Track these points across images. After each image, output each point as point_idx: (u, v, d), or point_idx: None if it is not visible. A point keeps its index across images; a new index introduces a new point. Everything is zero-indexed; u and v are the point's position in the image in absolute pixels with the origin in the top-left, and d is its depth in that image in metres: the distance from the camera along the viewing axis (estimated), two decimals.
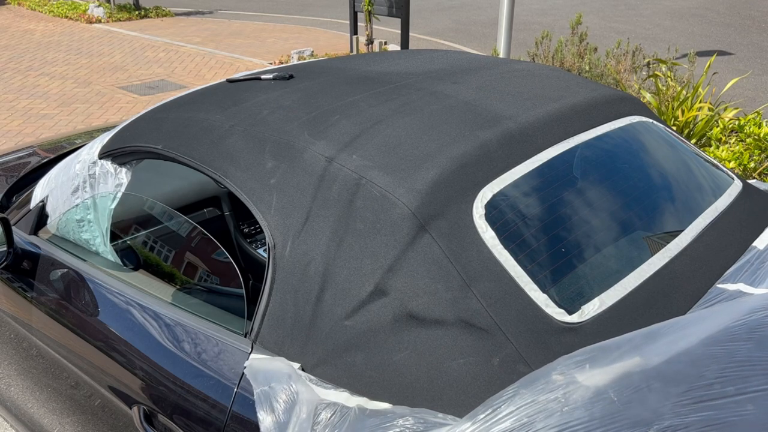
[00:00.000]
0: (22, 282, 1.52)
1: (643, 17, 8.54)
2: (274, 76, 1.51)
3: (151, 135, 1.37)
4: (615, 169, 1.28)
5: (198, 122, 1.32)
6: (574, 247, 1.08)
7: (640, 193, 1.26)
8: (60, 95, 5.41)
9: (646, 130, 1.43)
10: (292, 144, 1.16)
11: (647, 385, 0.87)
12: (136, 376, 1.21)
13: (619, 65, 4.20)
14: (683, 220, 1.25)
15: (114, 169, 1.43)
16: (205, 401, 1.08)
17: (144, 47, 7.22)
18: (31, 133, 4.51)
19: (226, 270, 1.41)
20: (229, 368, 1.07)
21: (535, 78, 1.49)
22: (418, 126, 1.19)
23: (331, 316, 1.00)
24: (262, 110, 1.30)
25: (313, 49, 6.55)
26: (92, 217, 1.46)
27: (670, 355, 0.90)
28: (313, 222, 1.06)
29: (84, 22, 8.80)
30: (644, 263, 1.11)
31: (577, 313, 0.99)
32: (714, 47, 6.60)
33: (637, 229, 1.18)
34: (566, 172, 1.20)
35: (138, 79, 5.89)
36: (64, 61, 6.60)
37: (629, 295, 1.04)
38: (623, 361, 0.88)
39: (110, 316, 1.31)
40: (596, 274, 1.06)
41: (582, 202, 1.16)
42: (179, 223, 1.69)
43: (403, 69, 1.54)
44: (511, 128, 1.21)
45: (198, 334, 1.15)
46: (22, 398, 1.57)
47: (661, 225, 1.22)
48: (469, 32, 7.77)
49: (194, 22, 8.84)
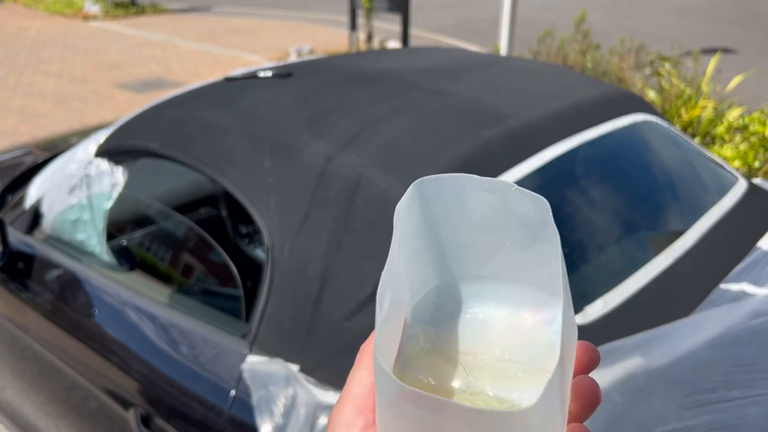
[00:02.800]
0: (16, 283, 1.50)
1: (647, 14, 8.54)
2: (272, 74, 1.49)
3: (147, 134, 1.36)
4: (618, 168, 1.27)
5: (195, 121, 1.30)
6: (577, 247, 1.07)
7: (644, 192, 1.25)
8: (55, 93, 5.38)
9: (649, 129, 1.42)
10: (291, 143, 1.15)
11: (651, 388, 0.87)
12: (132, 379, 1.19)
13: (622, 63, 4.19)
14: (687, 219, 1.24)
15: (110, 169, 1.41)
16: (202, 404, 1.07)
17: (140, 45, 7.19)
18: (27, 132, 4.48)
19: (223, 271, 1.40)
20: (226, 370, 1.06)
21: (538, 76, 1.48)
22: (418, 125, 1.18)
23: (330, 318, 0.99)
24: (261, 109, 1.28)
25: (311, 46, 6.53)
26: (88, 217, 1.45)
27: (673, 358, 0.89)
28: (312, 222, 1.04)
29: (80, 19, 8.76)
30: (648, 264, 1.10)
31: (580, 314, 0.98)
32: (719, 45, 6.60)
33: (640, 228, 1.17)
34: (569, 170, 1.18)
35: (134, 77, 5.87)
36: (59, 58, 6.57)
37: (633, 296, 1.03)
38: (626, 364, 0.88)
39: (106, 318, 1.29)
40: (600, 275, 1.05)
41: (585, 202, 1.15)
42: (176, 223, 1.67)
43: (403, 67, 1.53)
44: (513, 126, 1.19)
45: (195, 336, 1.14)
46: (18, 401, 1.56)
47: (665, 225, 1.21)
48: (471, 29, 7.76)
49: (191, 19, 8.80)
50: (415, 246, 0.32)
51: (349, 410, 0.31)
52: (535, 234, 0.30)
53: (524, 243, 0.30)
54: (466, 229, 0.31)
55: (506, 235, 0.31)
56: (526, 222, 0.30)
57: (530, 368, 0.27)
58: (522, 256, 0.31)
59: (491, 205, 0.30)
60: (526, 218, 0.30)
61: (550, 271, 0.30)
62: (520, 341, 0.31)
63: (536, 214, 0.29)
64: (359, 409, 0.31)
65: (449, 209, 0.31)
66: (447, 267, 0.33)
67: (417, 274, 0.32)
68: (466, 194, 0.30)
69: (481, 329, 0.32)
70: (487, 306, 0.33)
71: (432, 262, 0.33)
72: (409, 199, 0.31)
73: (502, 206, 0.30)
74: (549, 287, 0.30)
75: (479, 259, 0.32)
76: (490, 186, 0.30)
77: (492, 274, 0.32)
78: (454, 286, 0.33)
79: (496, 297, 0.32)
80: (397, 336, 0.31)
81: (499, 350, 0.31)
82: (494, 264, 0.32)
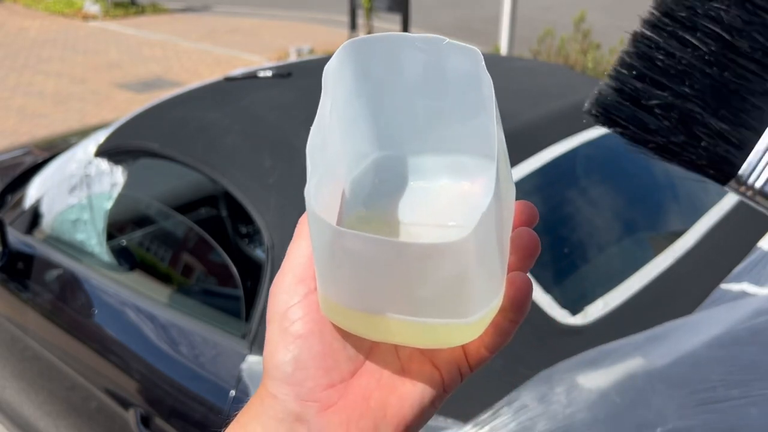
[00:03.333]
0: (16, 283, 1.50)
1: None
2: (272, 74, 1.49)
3: (147, 134, 1.36)
4: (619, 168, 1.27)
5: (195, 121, 1.30)
6: (577, 247, 1.07)
7: (644, 192, 1.25)
8: (55, 93, 5.37)
9: None
10: (291, 143, 1.15)
11: (651, 388, 0.87)
12: (132, 379, 1.19)
13: None
14: (687, 219, 1.24)
15: (110, 169, 1.41)
16: (202, 404, 1.07)
17: (140, 44, 7.18)
18: (26, 132, 4.48)
19: (223, 271, 1.40)
20: (226, 370, 1.06)
21: (538, 75, 1.48)
22: None
23: None
24: (261, 109, 1.28)
25: (311, 46, 6.53)
26: (88, 217, 1.45)
27: (673, 358, 0.89)
28: None
29: (80, 19, 8.76)
30: (648, 264, 1.10)
31: (580, 314, 0.98)
32: None
33: (641, 228, 1.17)
34: (569, 170, 1.18)
35: (134, 77, 5.87)
36: (59, 58, 6.56)
37: (633, 296, 1.03)
38: (626, 363, 0.88)
39: (106, 318, 1.29)
40: (600, 275, 1.05)
41: (585, 201, 1.15)
42: (176, 223, 1.67)
43: None
44: (513, 126, 1.19)
45: (195, 336, 1.14)
46: (18, 400, 1.56)
47: (665, 225, 1.21)
48: (471, 29, 7.76)
49: (191, 19, 8.80)
50: (349, 114, 0.30)
51: (290, 279, 0.31)
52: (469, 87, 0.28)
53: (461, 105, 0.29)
54: (402, 94, 0.30)
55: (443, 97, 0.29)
56: (460, 76, 0.28)
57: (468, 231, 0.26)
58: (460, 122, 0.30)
59: (426, 64, 0.29)
60: (459, 72, 0.28)
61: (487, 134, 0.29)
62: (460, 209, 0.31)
63: (470, 66, 0.28)
64: (300, 277, 0.31)
65: (383, 72, 0.29)
66: (384, 137, 0.31)
67: (353, 146, 0.31)
68: (400, 54, 0.29)
69: (421, 200, 0.31)
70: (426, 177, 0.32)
71: (368, 131, 0.31)
72: (339, 62, 0.28)
73: (436, 64, 0.29)
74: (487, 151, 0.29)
75: (417, 127, 0.31)
76: (423, 42, 0.28)
77: (431, 144, 0.31)
78: (393, 158, 0.32)
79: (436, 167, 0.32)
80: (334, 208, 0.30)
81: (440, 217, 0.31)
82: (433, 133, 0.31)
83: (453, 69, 0.29)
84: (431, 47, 0.28)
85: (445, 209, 0.31)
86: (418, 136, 0.31)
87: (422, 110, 0.30)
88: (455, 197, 0.31)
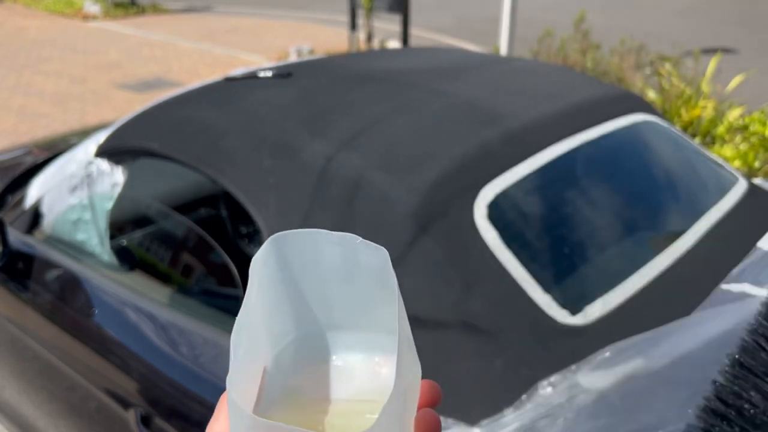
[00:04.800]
0: (16, 283, 1.50)
1: (647, 14, 8.53)
2: (272, 74, 1.49)
3: (147, 134, 1.36)
4: (619, 168, 1.27)
5: (195, 121, 1.30)
6: (577, 247, 1.07)
7: (644, 192, 1.24)
8: (55, 93, 5.37)
9: (650, 129, 1.42)
10: (291, 143, 1.14)
11: (651, 389, 0.86)
12: (132, 379, 1.19)
13: (622, 63, 4.19)
14: (687, 219, 1.24)
15: (110, 169, 1.41)
16: (202, 404, 1.06)
17: (140, 44, 7.18)
18: (26, 132, 4.48)
19: (223, 271, 1.40)
20: (226, 370, 1.06)
21: (538, 76, 1.48)
22: (418, 125, 1.18)
23: None
24: (261, 109, 1.28)
25: (311, 46, 6.53)
26: (88, 217, 1.44)
27: (674, 359, 0.89)
28: (312, 222, 1.04)
29: (79, 19, 8.76)
30: (648, 264, 1.09)
31: (580, 314, 0.98)
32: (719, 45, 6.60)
33: (641, 229, 1.16)
34: (569, 171, 1.18)
35: (134, 77, 5.86)
36: (59, 58, 6.56)
37: (633, 296, 1.03)
38: (627, 365, 0.87)
39: (106, 318, 1.29)
40: (600, 275, 1.05)
41: (585, 202, 1.15)
42: (176, 223, 1.67)
43: (403, 67, 1.53)
44: (513, 126, 1.19)
45: (195, 336, 1.13)
46: (17, 400, 1.56)
47: (665, 225, 1.21)
48: (471, 29, 7.75)
49: (191, 19, 8.80)
50: (274, 297, 0.34)
51: None
52: (378, 280, 0.33)
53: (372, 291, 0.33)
54: (321, 280, 0.34)
55: (357, 284, 0.34)
56: (371, 270, 0.33)
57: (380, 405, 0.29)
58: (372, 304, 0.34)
59: (342, 257, 0.33)
60: (370, 266, 0.33)
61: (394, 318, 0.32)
62: (372, 383, 0.35)
63: (378, 262, 0.32)
64: None
65: (305, 262, 0.34)
66: (306, 317, 0.36)
67: (277, 325, 0.35)
68: (319, 248, 0.33)
69: (338, 375, 0.35)
70: (343, 353, 0.36)
71: (291, 312, 0.35)
72: (265, 254, 0.33)
73: (351, 257, 0.33)
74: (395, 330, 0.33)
75: (335, 308, 0.35)
76: (339, 240, 0.33)
77: (347, 323, 0.35)
78: (313, 336, 0.36)
79: (352, 344, 0.36)
80: (255, 384, 0.33)
81: (354, 392, 0.34)
82: (349, 313, 0.35)
83: (365, 263, 0.33)
84: (346, 243, 0.33)
85: (361, 384, 0.35)
86: (336, 315, 0.35)
87: (338, 294, 0.35)
88: (369, 372, 0.35)
